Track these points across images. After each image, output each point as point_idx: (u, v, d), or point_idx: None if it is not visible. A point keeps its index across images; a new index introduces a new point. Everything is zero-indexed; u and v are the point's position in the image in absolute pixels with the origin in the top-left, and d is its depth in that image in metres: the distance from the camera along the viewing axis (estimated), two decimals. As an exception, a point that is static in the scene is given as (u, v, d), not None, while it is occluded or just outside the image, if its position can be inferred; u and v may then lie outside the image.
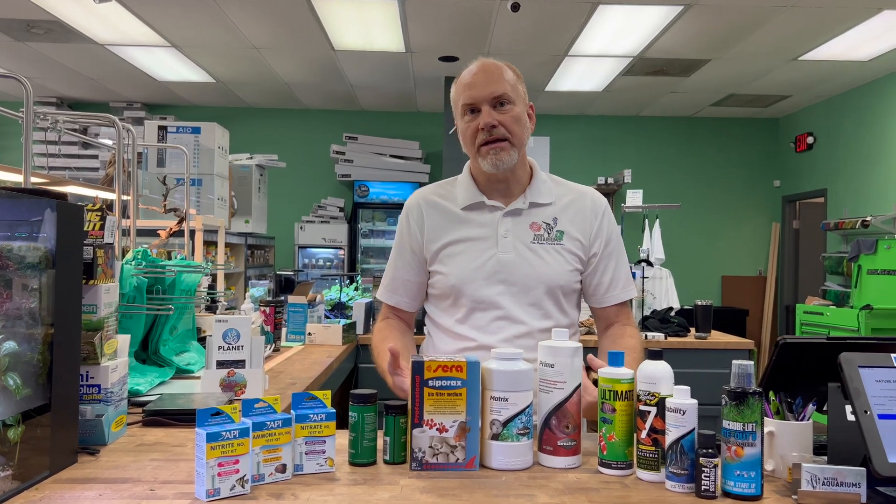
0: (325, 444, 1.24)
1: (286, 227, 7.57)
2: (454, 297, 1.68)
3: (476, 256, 1.66)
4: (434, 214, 1.73)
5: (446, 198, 1.75)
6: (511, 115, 1.62)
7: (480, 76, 1.63)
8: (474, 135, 1.63)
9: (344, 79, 6.66)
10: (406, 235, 1.76)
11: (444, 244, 1.70)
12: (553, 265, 1.66)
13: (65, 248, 1.24)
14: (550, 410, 1.29)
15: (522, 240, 1.67)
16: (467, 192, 1.72)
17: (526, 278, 1.64)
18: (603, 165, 7.81)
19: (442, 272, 1.69)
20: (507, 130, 1.62)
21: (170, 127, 4.89)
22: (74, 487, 1.15)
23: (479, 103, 1.62)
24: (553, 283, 1.66)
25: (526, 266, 1.65)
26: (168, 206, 3.04)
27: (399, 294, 1.78)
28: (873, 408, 1.09)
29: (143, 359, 2.15)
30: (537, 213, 1.70)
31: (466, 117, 1.65)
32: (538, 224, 1.69)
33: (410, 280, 1.76)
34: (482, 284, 1.65)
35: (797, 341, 1.27)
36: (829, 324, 5.56)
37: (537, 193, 1.71)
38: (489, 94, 1.61)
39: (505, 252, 1.65)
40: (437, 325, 1.76)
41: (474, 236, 1.68)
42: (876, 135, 6.31)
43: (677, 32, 5.17)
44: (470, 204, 1.71)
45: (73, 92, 7.28)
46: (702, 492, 1.13)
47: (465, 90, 1.64)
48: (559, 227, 1.69)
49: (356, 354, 3.47)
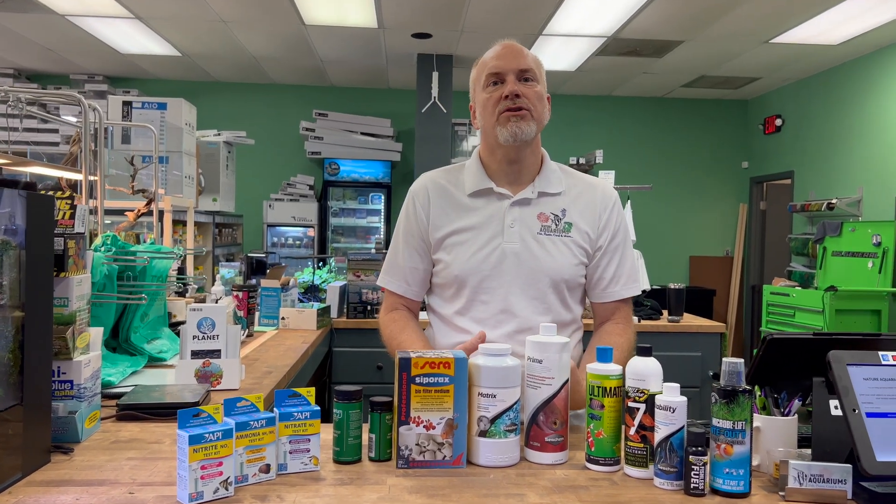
0: (309, 443, 1.21)
1: (255, 205, 7.45)
2: (456, 287, 1.64)
3: (481, 246, 1.62)
4: (440, 200, 1.67)
5: (453, 184, 1.69)
6: (535, 91, 1.61)
7: (506, 50, 1.63)
8: (496, 103, 1.59)
9: (314, 54, 6.53)
10: (413, 220, 1.70)
11: (449, 232, 1.65)
12: (559, 258, 1.62)
13: (35, 240, 1.19)
14: (538, 406, 1.28)
15: (529, 230, 1.62)
16: (475, 177, 1.67)
17: (530, 270, 1.60)
18: (575, 145, 7.81)
19: (445, 261, 1.64)
20: (530, 102, 1.59)
21: (135, 102, 4.74)
22: (49, 490, 1.11)
23: (505, 73, 1.60)
24: (558, 276, 1.61)
25: (531, 258, 1.61)
26: (136, 188, 2.95)
27: (407, 282, 1.71)
28: (861, 406, 1.10)
29: (113, 347, 2.10)
30: (546, 203, 1.65)
31: (489, 88, 1.62)
32: (546, 215, 1.64)
33: (418, 268, 1.70)
34: (485, 275, 1.61)
35: (784, 337, 1.27)
36: (794, 304, 5.67)
37: (546, 182, 1.66)
38: (516, 66, 1.60)
39: (510, 243, 1.61)
40: (437, 315, 1.72)
41: (480, 225, 1.63)
42: (843, 119, 6.41)
43: (651, 13, 5.16)
44: (477, 190, 1.66)
45: (31, 63, 7.03)
46: (691, 489, 1.13)
47: (490, 62, 1.62)
48: (567, 219, 1.64)
49: (330, 338, 3.43)
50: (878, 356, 1.14)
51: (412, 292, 1.72)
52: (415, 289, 1.72)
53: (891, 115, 5.77)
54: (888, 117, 5.80)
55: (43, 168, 2.54)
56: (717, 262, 8.17)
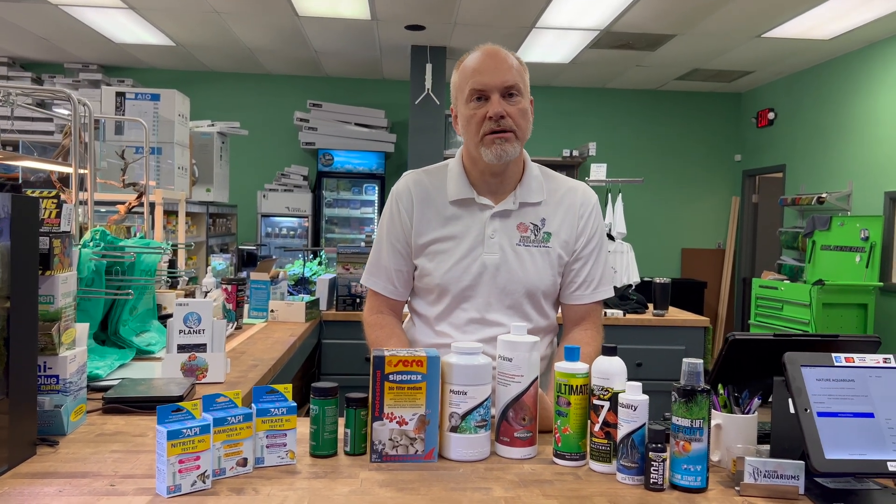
0: (285, 438, 1.26)
1: (249, 195, 7.48)
2: (437, 293, 1.68)
3: (462, 257, 1.65)
4: (423, 206, 1.69)
5: (436, 187, 1.70)
6: (519, 108, 1.59)
7: (489, 62, 1.59)
8: (480, 122, 1.59)
9: (308, 45, 6.54)
10: (398, 223, 1.71)
11: (432, 240, 1.68)
12: (536, 271, 1.65)
13: (20, 241, 1.23)
14: (508, 403, 1.32)
15: (509, 241, 1.65)
16: (458, 185, 1.68)
17: (508, 282, 1.64)
18: (568, 137, 7.85)
19: (426, 268, 1.68)
20: (514, 123, 1.58)
21: (128, 93, 4.76)
22: (34, 482, 1.15)
23: (489, 91, 1.57)
24: (535, 287, 1.65)
25: (509, 270, 1.64)
26: (127, 181, 2.98)
27: (393, 284, 1.72)
28: (813, 406, 1.15)
29: (102, 340, 2.14)
30: (526, 213, 1.67)
31: (473, 104, 1.60)
32: (526, 225, 1.67)
33: (402, 270, 1.72)
34: (466, 286, 1.65)
35: (746, 338, 1.32)
36: (782, 298, 5.73)
37: (528, 191, 1.68)
38: (501, 82, 1.57)
39: (490, 254, 1.64)
40: (418, 315, 1.76)
41: (461, 234, 1.66)
42: (834, 113, 6.44)
43: (643, 8, 5.18)
44: (459, 199, 1.68)
45: (25, 52, 7.03)
46: (650, 484, 1.18)
47: (473, 75, 1.59)
48: (547, 229, 1.67)
49: (320, 331, 3.48)
50: (832, 358, 1.19)
51: (398, 293, 1.74)
52: (400, 290, 1.74)
53: (881, 110, 5.81)
54: (878, 112, 5.84)
55: (34, 162, 2.57)
56: (709, 255, 8.22)
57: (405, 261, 1.72)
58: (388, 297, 1.74)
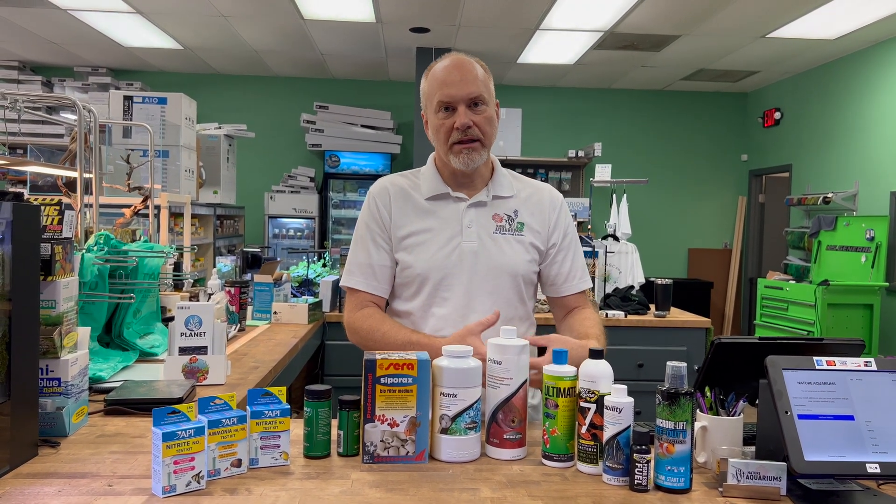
0: (279, 439, 1.29)
1: (256, 196, 7.54)
2: (418, 285, 1.72)
3: (441, 246, 1.71)
4: (400, 201, 1.76)
5: (412, 187, 1.79)
6: (485, 117, 1.68)
7: (455, 73, 1.67)
8: (448, 133, 1.68)
9: (314, 47, 6.59)
10: (378, 218, 1.75)
11: (410, 233, 1.73)
12: (514, 255, 1.73)
13: (21, 248, 1.26)
14: (497, 405, 1.35)
15: (486, 230, 1.73)
16: (432, 183, 1.77)
17: (488, 268, 1.71)
18: (574, 137, 7.85)
19: (406, 261, 1.72)
20: (480, 131, 1.68)
21: (135, 97, 4.82)
22: (34, 483, 1.19)
23: (455, 103, 1.66)
24: (515, 272, 1.72)
25: (488, 256, 1.71)
26: (132, 185, 3.02)
27: (377, 280, 1.75)
28: (794, 408, 1.17)
29: (106, 342, 2.18)
30: (499, 204, 1.77)
31: (441, 114, 1.69)
32: (500, 216, 1.76)
33: (386, 265, 1.75)
34: (446, 273, 1.70)
35: (731, 342, 1.34)
36: (788, 298, 5.72)
37: (499, 187, 1.78)
38: (466, 94, 1.66)
39: (469, 242, 1.71)
40: (397, 313, 1.79)
41: (438, 226, 1.73)
42: (840, 113, 6.43)
43: (647, 9, 5.19)
44: (435, 195, 1.75)
45: (35, 56, 7.11)
46: (635, 485, 1.20)
47: (441, 87, 1.67)
48: (520, 219, 1.76)
49: (323, 332, 3.51)
50: (813, 361, 1.21)
51: (382, 289, 1.77)
52: (384, 286, 1.77)
53: (887, 109, 5.80)
54: (884, 112, 5.82)
55: (40, 167, 2.62)
56: (715, 255, 8.22)
57: (388, 256, 1.76)
58: (371, 293, 1.75)
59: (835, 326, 5.32)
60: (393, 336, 1.65)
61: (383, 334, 1.67)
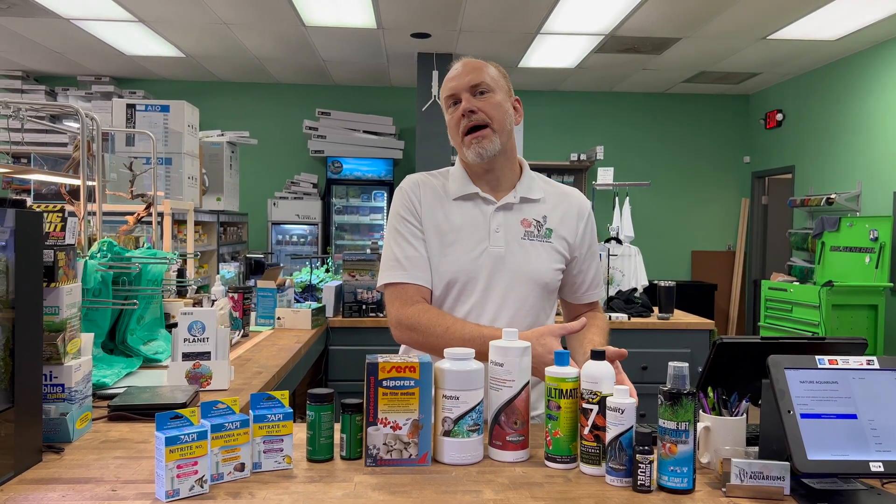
0: (282, 443, 1.29)
1: (259, 203, 7.56)
2: (443, 287, 1.68)
3: (468, 250, 1.67)
4: (431, 195, 1.72)
5: (441, 186, 1.75)
6: (490, 102, 1.66)
7: (460, 69, 1.70)
8: (457, 124, 1.67)
9: (315, 54, 6.61)
10: (412, 210, 1.70)
11: (437, 231, 1.68)
12: (541, 263, 1.69)
13: (24, 254, 1.27)
14: (500, 407, 1.35)
15: (514, 235, 1.70)
16: (460, 183, 1.73)
17: (514, 274, 1.67)
18: (576, 141, 7.86)
19: (431, 261, 1.68)
20: (486, 116, 1.65)
21: (138, 105, 4.84)
22: (38, 488, 1.19)
23: (458, 92, 1.67)
24: (540, 279, 1.69)
25: (515, 262, 1.68)
26: (135, 192, 3.03)
27: (422, 271, 1.67)
28: (796, 408, 1.16)
29: (110, 349, 2.18)
30: (528, 209, 1.73)
31: (450, 109, 1.70)
32: (529, 220, 1.72)
33: (426, 256, 1.68)
34: (471, 277, 1.67)
35: (733, 341, 1.34)
36: (792, 300, 5.71)
37: (528, 188, 1.74)
38: (467, 83, 1.66)
39: (496, 246, 1.68)
40: None
41: (466, 227, 1.69)
42: (842, 114, 6.42)
43: (647, 12, 5.20)
44: (463, 195, 1.72)
45: (38, 65, 7.15)
46: (638, 486, 1.20)
47: (446, 83, 1.70)
48: (548, 225, 1.72)
49: (326, 337, 3.52)
50: (815, 360, 1.21)
51: (428, 280, 1.68)
52: (429, 277, 1.69)
53: (889, 110, 5.79)
54: (887, 112, 5.82)
55: (44, 175, 2.63)
56: (719, 257, 8.21)
57: (426, 247, 1.69)
58: (419, 284, 1.66)
59: (839, 327, 5.31)
60: (458, 330, 1.57)
61: (446, 328, 1.58)
